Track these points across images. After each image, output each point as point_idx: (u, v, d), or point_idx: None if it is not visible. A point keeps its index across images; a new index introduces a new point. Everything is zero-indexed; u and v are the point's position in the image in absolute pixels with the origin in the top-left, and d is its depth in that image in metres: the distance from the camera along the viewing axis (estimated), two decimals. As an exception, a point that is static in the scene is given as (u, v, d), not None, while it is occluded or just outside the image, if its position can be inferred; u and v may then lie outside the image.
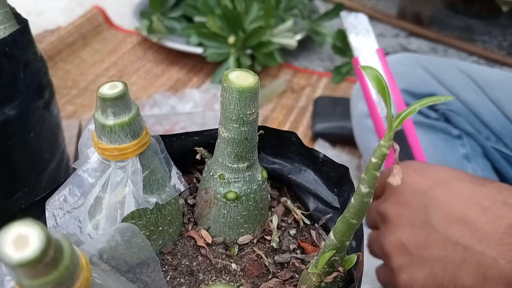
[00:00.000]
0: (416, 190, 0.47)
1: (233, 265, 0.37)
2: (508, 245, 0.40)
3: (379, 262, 0.52)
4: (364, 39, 0.62)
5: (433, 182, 0.47)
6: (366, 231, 0.43)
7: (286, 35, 1.25)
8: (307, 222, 0.40)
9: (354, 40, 0.62)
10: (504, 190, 0.44)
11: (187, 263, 0.36)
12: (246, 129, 0.33)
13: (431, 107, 0.77)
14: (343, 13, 0.68)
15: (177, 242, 0.38)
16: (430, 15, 1.61)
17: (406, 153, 0.58)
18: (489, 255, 0.40)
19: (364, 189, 0.26)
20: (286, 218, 0.41)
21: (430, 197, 0.46)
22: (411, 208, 0.46)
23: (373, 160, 0.24)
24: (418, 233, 0.45)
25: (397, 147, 0.24)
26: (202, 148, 0.39)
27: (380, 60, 0.60)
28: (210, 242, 0.37)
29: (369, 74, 0.22)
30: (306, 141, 1.09)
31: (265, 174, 0.37)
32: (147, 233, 0.35)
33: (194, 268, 0.36)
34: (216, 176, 0.36)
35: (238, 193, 0.36)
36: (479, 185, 0.45)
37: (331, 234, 0.29)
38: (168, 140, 0.39)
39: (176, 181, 0.36)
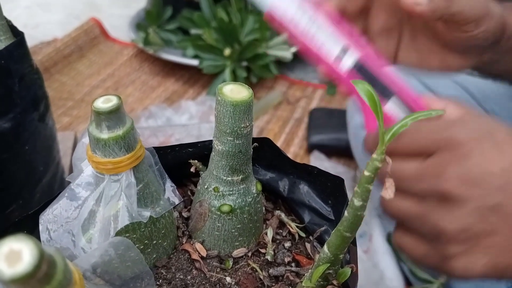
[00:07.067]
0: (493, 167, 0.39)
1: (228, 279, 0.36)
2: None
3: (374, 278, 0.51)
4: None
5: None
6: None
7: (281, 48, 1.26)
8: (303, 235, 0.40)
9: None
10: None
11: (182, 276, 0.36)
12: (240, 142, 0.33)
13: None
14: None
15: (171, 256, 0.37)
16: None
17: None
18: None
19: (357, 202, 0.26)
20: (281, 230, 0.40)
21: (509, 179, 0.39)
22: (483, 190, 0.39)
23: (366, 173, 0.24)
24: (486, 220, 0.39)
25: (389, 160, 0.24)
26: (196, 161, 0.39)
27: None
28: (204, 255, 0.37)
29: (360, 89, 0.22)
30: (301, 153, 1.09)
31: (259, 187, 0.37)
32: (141, 247, 0.34)
33: (188, 282, 0.36)
34: (211, 189, 0.36)
35: (233, 206, 0.36)
36: None
37: (325, 247, 0.29)
38: (162, 152, 0.39)
39: (170, 194, 0.36)
